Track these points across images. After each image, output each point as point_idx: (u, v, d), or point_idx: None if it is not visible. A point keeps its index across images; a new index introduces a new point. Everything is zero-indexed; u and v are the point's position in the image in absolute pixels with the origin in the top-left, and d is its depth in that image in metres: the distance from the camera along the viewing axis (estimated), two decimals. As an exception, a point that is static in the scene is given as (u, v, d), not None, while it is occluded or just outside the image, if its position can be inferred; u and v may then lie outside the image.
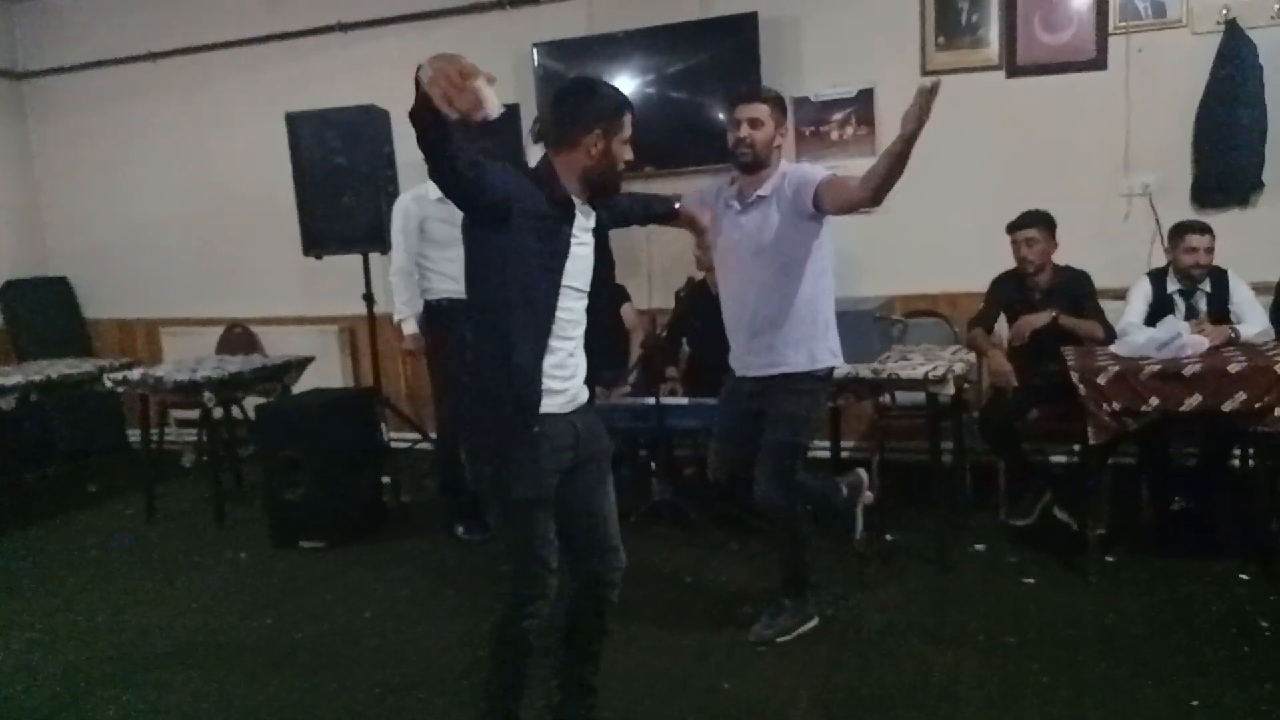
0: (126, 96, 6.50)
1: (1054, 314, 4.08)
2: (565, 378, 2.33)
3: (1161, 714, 2.67)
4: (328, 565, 4.24)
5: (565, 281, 2.28)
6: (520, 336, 2.23)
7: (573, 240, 2.28)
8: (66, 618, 3.84)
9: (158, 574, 4.28)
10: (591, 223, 2.37)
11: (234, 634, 3.60)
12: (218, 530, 4.84)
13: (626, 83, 5.32)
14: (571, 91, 2.35)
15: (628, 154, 2.34)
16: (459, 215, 2.28)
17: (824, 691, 2.91)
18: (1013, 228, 4.22)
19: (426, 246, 4.30)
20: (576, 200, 2.30)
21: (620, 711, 2.87)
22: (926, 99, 2.54)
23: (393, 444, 5.48)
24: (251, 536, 4.66)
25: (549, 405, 2.28)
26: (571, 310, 2.32)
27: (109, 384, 5.02)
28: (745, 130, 3.02)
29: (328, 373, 5.97)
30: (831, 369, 3.19)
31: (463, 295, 2.41)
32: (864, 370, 3.72)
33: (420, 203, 4.29)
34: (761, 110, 3.03)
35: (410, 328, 4.40)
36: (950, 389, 3.66)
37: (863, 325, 3.82)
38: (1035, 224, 4.18)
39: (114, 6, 6.45)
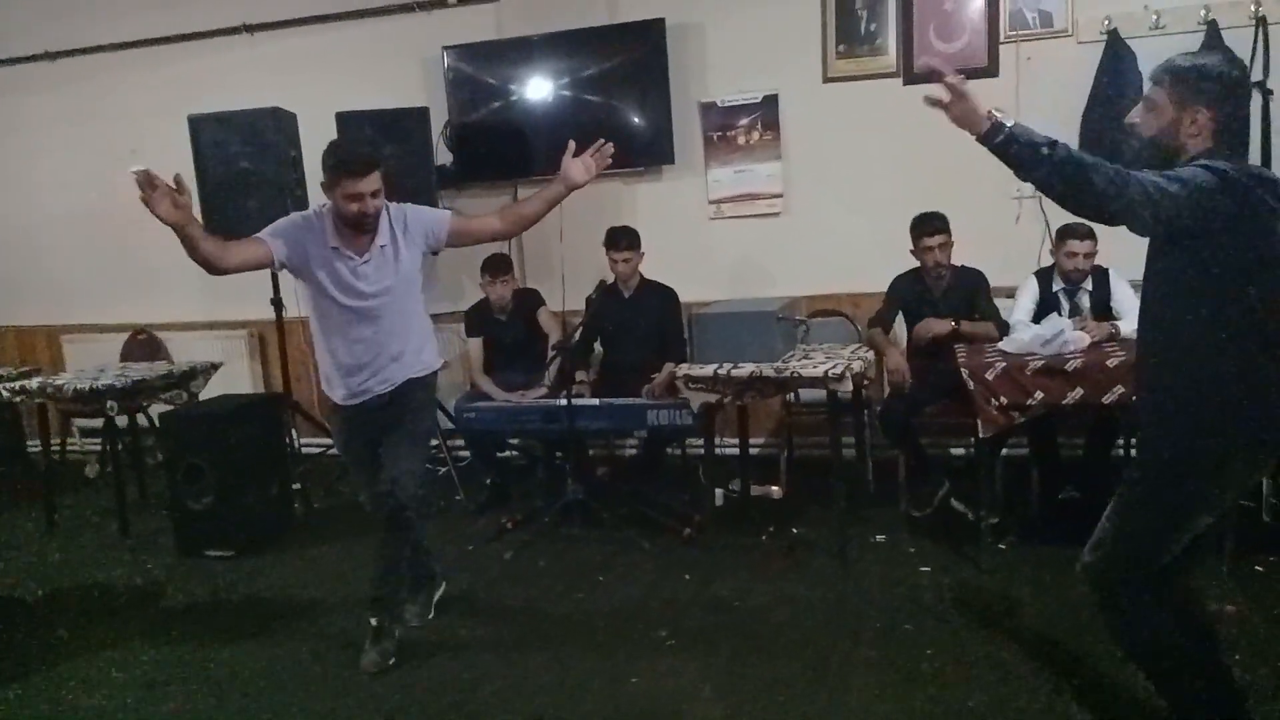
0: (21, 95, 6.31)
1: (953, 324, 4.23)
2: None
3: (1043, 693, 2.81)
4: (236, 574, 4.19)
5: None
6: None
7: None
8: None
9: (62, 589, 4.18)
10: None
11: (138, 647, 3.53)
12: (122, 541, 4.74)
13: (539, 85, 5.38)
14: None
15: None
16: None
17: (726, 681, 2.99)
18: (925, 233, 4.32)
19: None
20: None
21: (527, 707, 2.92)
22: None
23: (303, 449, 5.44)
24: (158, 546, 4.58)
25: None
26: None
27: (4, 394, 4.87)
28: (369, 203, 3.03)
29: (237, 378, 5.89)
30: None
31: None
32: (767, 369, 3.82)
33: None
34: (379, 179, 3.05)
35: None
36: (848, 386, 3.78)
37: (764, 326, 3.93)
38: (946, 228, 4.32)
39: (6, 3, 6.25)
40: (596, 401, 4.38)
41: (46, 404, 4.94)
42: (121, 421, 5.10)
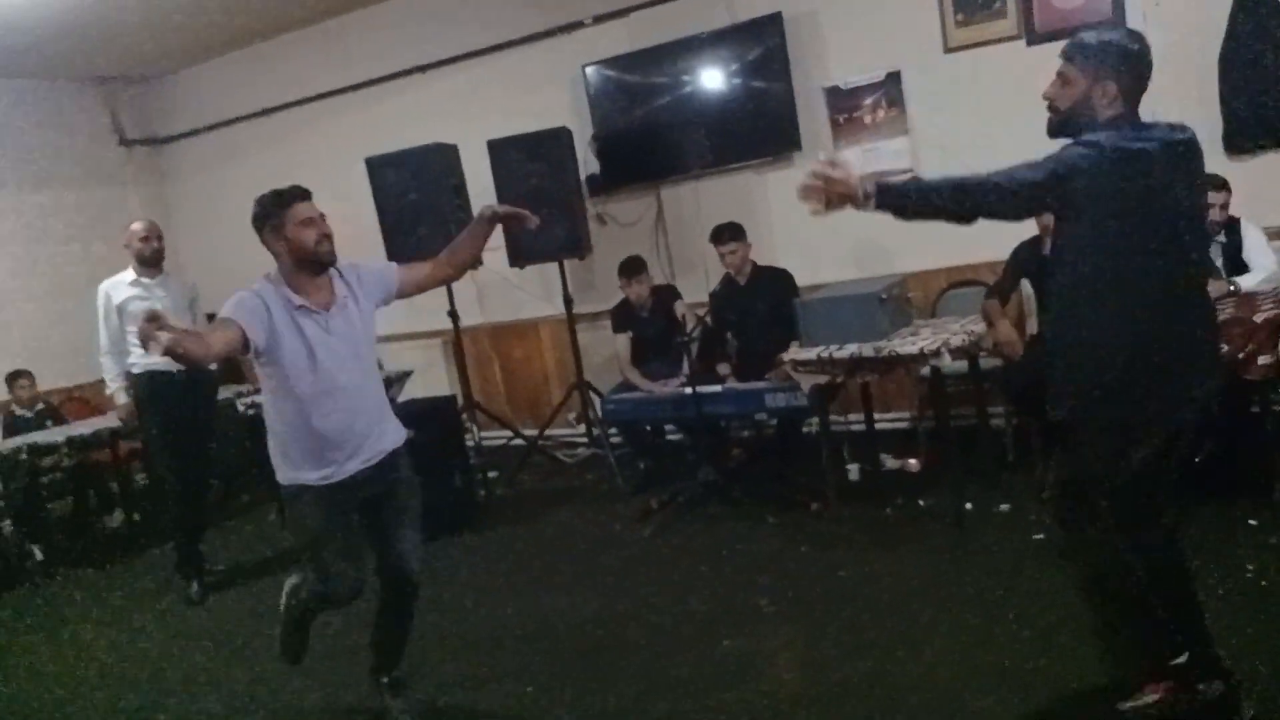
0: (241, 151, 7.32)
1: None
2: None
3: (1122, 657, 2.85)
4: (426, 556, 4.77)
5: None
6: None
7: None
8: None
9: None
10: None
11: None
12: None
13: (671, 90, 5.72)
14: None
15: None
16: (157, 294, 3.25)
17: (810, 644, 3.25)
18: None
19: (129, 323, 4.53)
20: None
21: (618, 670, 3.30)
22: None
23: (484, 443, 6.06)
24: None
25: None
26: None
27: (241, 408, 5.78)
28: (324, 224, 2.90)
29: (437, 382, 6.60)
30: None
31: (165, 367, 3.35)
32: (867, 350, 3.98)
33: (117, 288, 4.65)
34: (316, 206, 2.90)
35: (121, 398, 4.82)
36: (947, 360, 3.88)
37: (869, 307, 4.08)
38: None
39: (225, 73, 7.29)
40: (719, 388, 4.67)
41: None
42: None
